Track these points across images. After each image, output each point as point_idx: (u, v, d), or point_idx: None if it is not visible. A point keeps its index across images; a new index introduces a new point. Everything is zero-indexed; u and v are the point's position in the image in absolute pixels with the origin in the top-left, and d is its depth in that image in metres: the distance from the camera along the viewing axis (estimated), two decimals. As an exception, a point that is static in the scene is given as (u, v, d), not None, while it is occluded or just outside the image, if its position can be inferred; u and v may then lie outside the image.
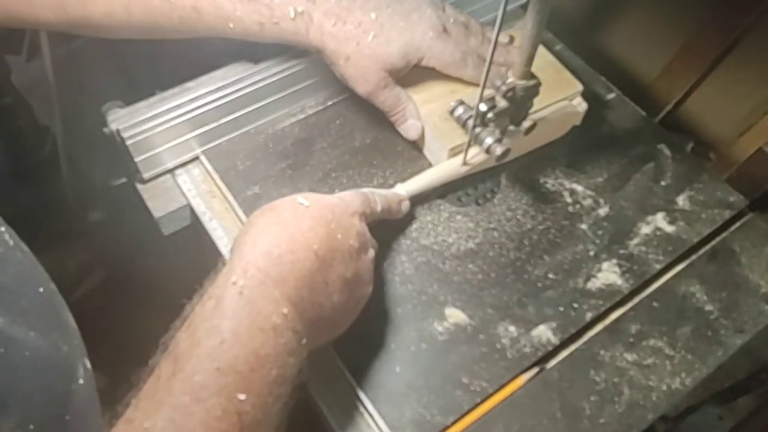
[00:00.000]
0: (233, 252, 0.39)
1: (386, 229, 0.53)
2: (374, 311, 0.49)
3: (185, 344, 0.35)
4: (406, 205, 0.51)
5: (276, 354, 0.35)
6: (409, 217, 0.54)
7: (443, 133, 0.53)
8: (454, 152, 0.54)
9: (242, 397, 0.33)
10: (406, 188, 0.52)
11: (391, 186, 0.53)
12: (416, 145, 0.58)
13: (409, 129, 0.55)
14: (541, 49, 0.59)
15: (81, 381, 0.28)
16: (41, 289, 0.29)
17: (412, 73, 0.55)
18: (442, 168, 0.54)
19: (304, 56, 0.57)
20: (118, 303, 0.88)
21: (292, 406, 0.37)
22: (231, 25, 0.49)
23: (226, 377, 0.33)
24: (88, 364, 0.30)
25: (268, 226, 0.40)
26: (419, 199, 0.54)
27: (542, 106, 0.56)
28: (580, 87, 0.58)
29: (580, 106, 0.58)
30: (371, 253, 0.45)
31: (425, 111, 0.55)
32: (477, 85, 0.54)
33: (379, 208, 0.47)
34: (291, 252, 0.38)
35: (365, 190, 0.48)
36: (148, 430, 0.32)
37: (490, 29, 0.58)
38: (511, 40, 0.59)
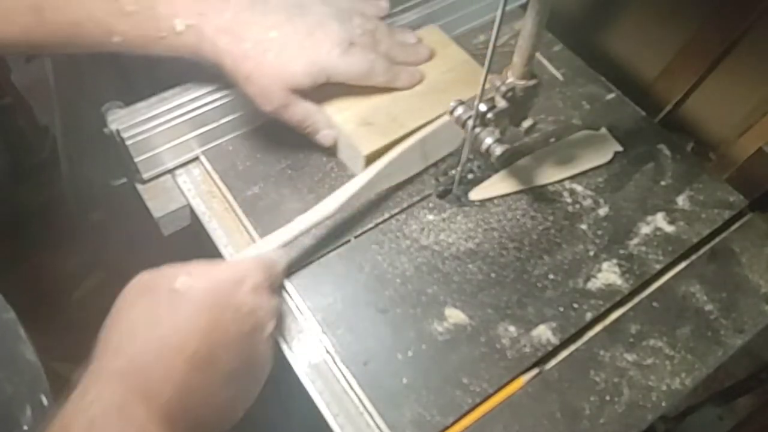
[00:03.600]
0: (98, 346, 0.35)
1: (386, 229, 0.53)
2: (374, 312, 0.49)
3: None
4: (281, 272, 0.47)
5: None
6: (409, 218, 0.54)
7: (360, 140, 0.52)
8: (370, 159, 0.53)
9: None
10: (278, 241, 0.47)
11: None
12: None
13: (323, 139, 0.54)
14: (455, 48, 0.60)
15: (25, 427, 0.25)
16: None
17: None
18: (315, 212, 0.49)
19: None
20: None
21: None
22: (115, 39, 0.46)
23: None
24: (45, 400, 0.27)
25: (138, 323, 0.35)
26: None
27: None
28: (496, 82, 0.57)
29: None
30: (270, 326, 0.41)
31: (341, 118, 0.53)
32: (395, 88, 0.55)
33: (282, 266, 0.44)
34: (162, 357, 0.34)
35: (267, 250, 0.44)
36: None
37: (399, 30, 0.58)
38: (419, 41, 0.58)
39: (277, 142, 0.57)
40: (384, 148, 0.53)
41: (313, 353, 0.47)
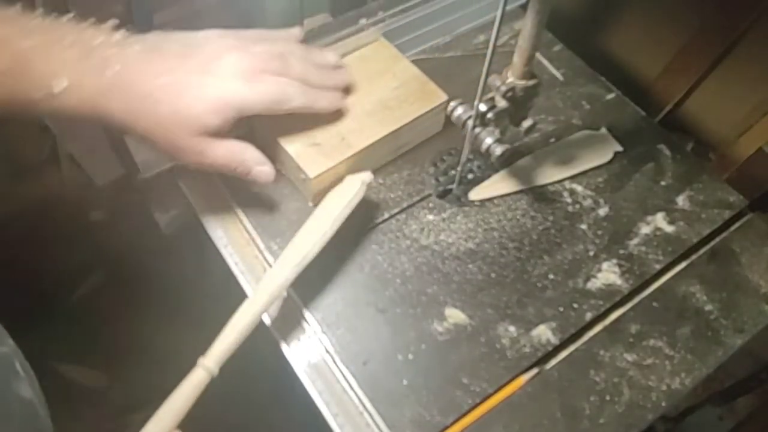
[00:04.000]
0: None
1: (386, 229, 0.53)
2: (374, 312, 0.49)
3: None
4: None
5: None
6: (409, 218, 0.54)
7: (306, 161, 0.51)
8: (317, 182, 0.52)
9: None
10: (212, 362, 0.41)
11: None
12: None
13: (258, 177, 0.47)
14: (406, 63, 0.59)
15: None
16: None
17: None
18: (240, 320, 0.43)
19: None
20: (118, 303, 0.88)
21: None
22: None
23: None
24: None
25: None
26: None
27: (412, 119, 0.55)
28: (445, 97, 0.57)
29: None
30: None
31: (286, 139, 0.52)
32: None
33: None
34: None
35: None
36: None
37: (318, 51, 0.53)
38: (339, 63, 0.54)
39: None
40: (331, 170, 0.51)
41: (313, 353, 0.47)
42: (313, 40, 0.59)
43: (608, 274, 0.52)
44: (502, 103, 0.48)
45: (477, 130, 0.50)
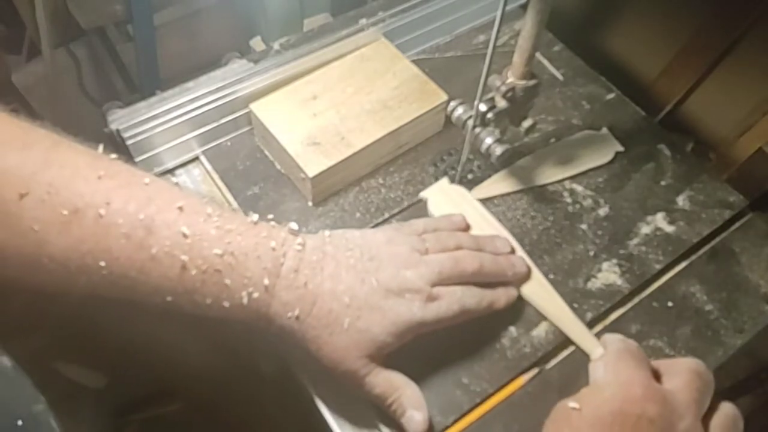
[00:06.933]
0: None
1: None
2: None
3: None
4: None
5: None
6: (409, 219, 0.54)
7: (306, 161, 0.52)
8: (317, 181, 0.52)
9: None
10: None
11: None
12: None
13: (409, 423, 0.43)
14: (405, 63, 0.59)
15: None
16: (19, 422, 0.26)
17: (269, 100, 0.55)
18: None
19: (304, 56, 0.57)
20: (118, 303, 0.88)
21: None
22: (169, 298, 0.39)
23: None
24: None
25: None
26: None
27: (412, 118, 0.55)
28: (445, 97, 0.57)
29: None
30: None
31: (286, 138, 0.53)
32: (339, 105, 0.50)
33: None
34: None
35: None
36: None
37: (485, 238, 0.50)
38: (512, 250, 0.51)
39: (277, 142, 0.57)
40: (331, 169, 0.52)
41: (313, 353, 0.47)
42: (313, 40, 0.59)
43: (608, 274, 0.52)
44: (502, 103, 0.48)
45: (477, 130, 0.50)
